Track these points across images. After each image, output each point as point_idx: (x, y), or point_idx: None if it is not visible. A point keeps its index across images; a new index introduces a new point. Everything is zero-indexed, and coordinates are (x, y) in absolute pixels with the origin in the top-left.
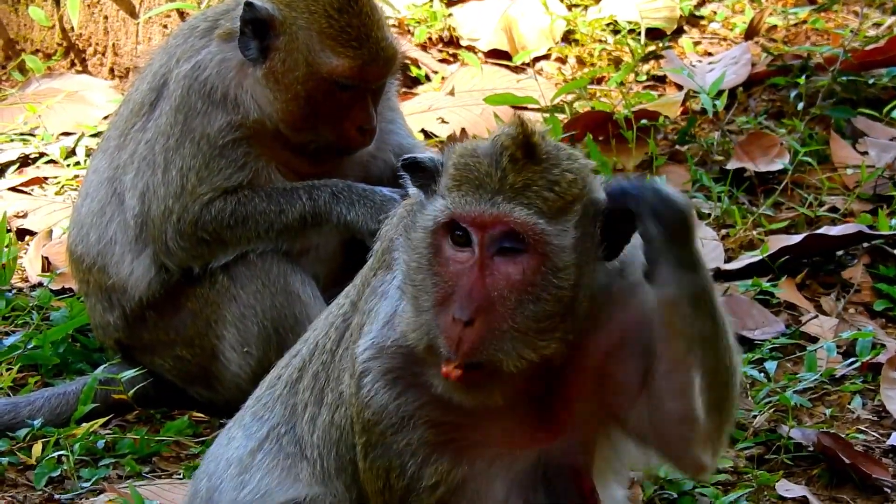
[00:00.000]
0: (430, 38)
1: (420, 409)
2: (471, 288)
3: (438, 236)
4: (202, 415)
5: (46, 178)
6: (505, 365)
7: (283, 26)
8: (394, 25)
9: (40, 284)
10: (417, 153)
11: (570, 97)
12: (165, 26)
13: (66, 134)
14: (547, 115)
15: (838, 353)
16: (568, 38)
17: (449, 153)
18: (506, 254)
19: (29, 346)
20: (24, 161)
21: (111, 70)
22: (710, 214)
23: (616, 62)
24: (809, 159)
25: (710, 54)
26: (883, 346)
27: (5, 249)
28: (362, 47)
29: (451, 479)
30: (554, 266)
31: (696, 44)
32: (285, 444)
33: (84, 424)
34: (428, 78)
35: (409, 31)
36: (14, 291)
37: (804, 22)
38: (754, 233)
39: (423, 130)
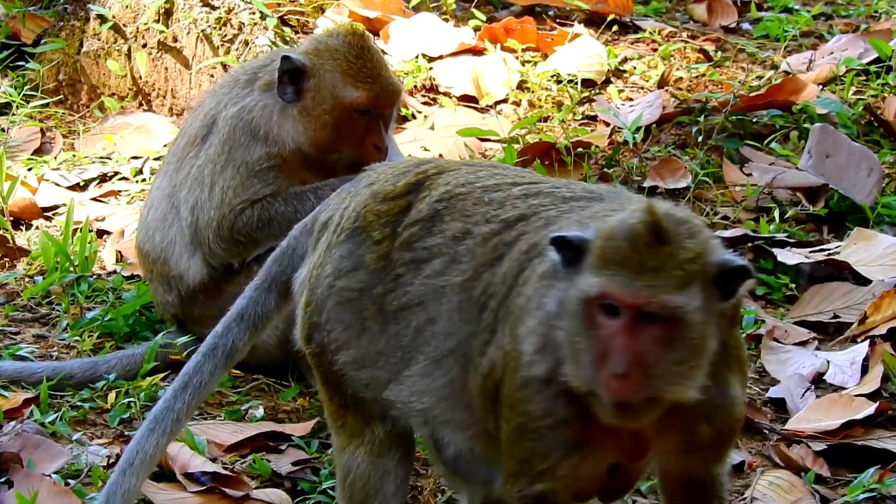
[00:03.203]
0: (415, 86)
1: (572, 417)
2: (623, 348)
3: (592, 307)
4: (239, 371)
5: (120, 191)
6: (659, 398)
7: (314, 71)
8: None
9: (114, 272)
10: None
11: (523, 131)
12: (212, 75)
13: (135, 157)
14: (505, 145)
15: None
16: (521, 86)
17: (594, 234)
18: (649, 320)
19: (106, 319)
20: (103, 178)
21: (170, 109)
22: None
23: (558, 105)
24: (707, 179)
25: (630, 99)
26: (763, 321)
27: (88, 245)
28: (375, 83)
29: (576, 473)
30: (688, 325)
31: (620, 91)
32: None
33: (148, 378)
34: (414, 116)
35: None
36: (94, 277)
37: (703, 75)
38: None
39: (409, 155)
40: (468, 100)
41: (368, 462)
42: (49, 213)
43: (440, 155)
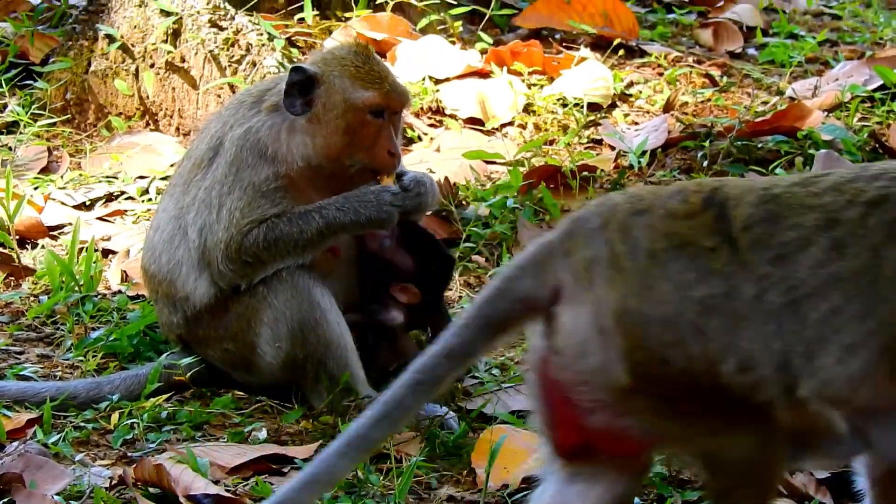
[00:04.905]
0: (421, 108)
1: None
2: None
3: None
4: (243, 393)
5: (126, 211)
6: None
7: (323, 79)
8: None
9: (119, 291)
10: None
11: (528, 154)
12: (219, 96)
13: (142, 177)
14: (511, 167)
15: None
16: (527, 109)
17: None
18: None
19: (110, 339)
20: (109, 197)
21: (177, 129)
22: None
23: (564, 128)
24: None
25: (636, 123)
26: None
27: (93, 264)
28: (384, 82)
29: None
30: None
31: (626, 115)
32: None
33: (151, 399)
34: (420, 138)
35: None
36: (99, 296)
37: (709, 100)
38: None
39: (430, 170)
40: (474, 122)
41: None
42: (55, 233)
43: (445, 177)
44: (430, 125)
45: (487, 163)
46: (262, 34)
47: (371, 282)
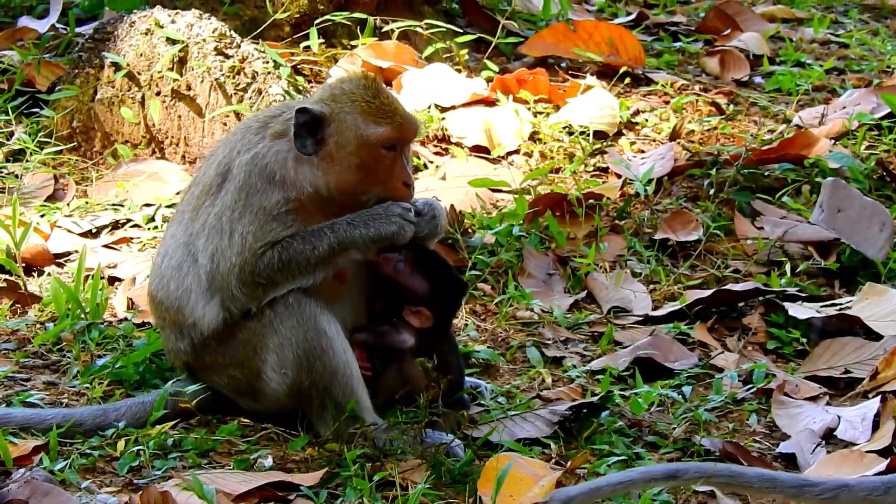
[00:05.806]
0: (427, 136)
1: None
2: None
3: None
4: (248, 420)
5: (132, 238)
6: None
7: (333, 116)
8: None
9: (125, 319)
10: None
11: (534, 182)
12: (225, 124)
13: (147, 205)
14: (517, 195)
15: (739, 380)
16: (533, 137)
17: None
18: None
19: (116, 366)
20: (115, 225)
21: (183, 157)
22: (641, 273)
23: (570, 156)
24: (718, 232)
25: (642, 151)
26: (774, 375)
27: (99, 292)
28: (396, 115)
29: None
30: None
31: (632, 143)
32: None
33: (157, 426)
34: (426, 166)
35: None
36: (105, 324)
37: (715, 128)
38: (675, 288)
39: (435, 198)
40: (480, 150)
41: None
42: (61, 260)
43: (451, 205)
44: (436, 153)
45: (493, 191)
46: (267, 62)
47: (382, 305)
